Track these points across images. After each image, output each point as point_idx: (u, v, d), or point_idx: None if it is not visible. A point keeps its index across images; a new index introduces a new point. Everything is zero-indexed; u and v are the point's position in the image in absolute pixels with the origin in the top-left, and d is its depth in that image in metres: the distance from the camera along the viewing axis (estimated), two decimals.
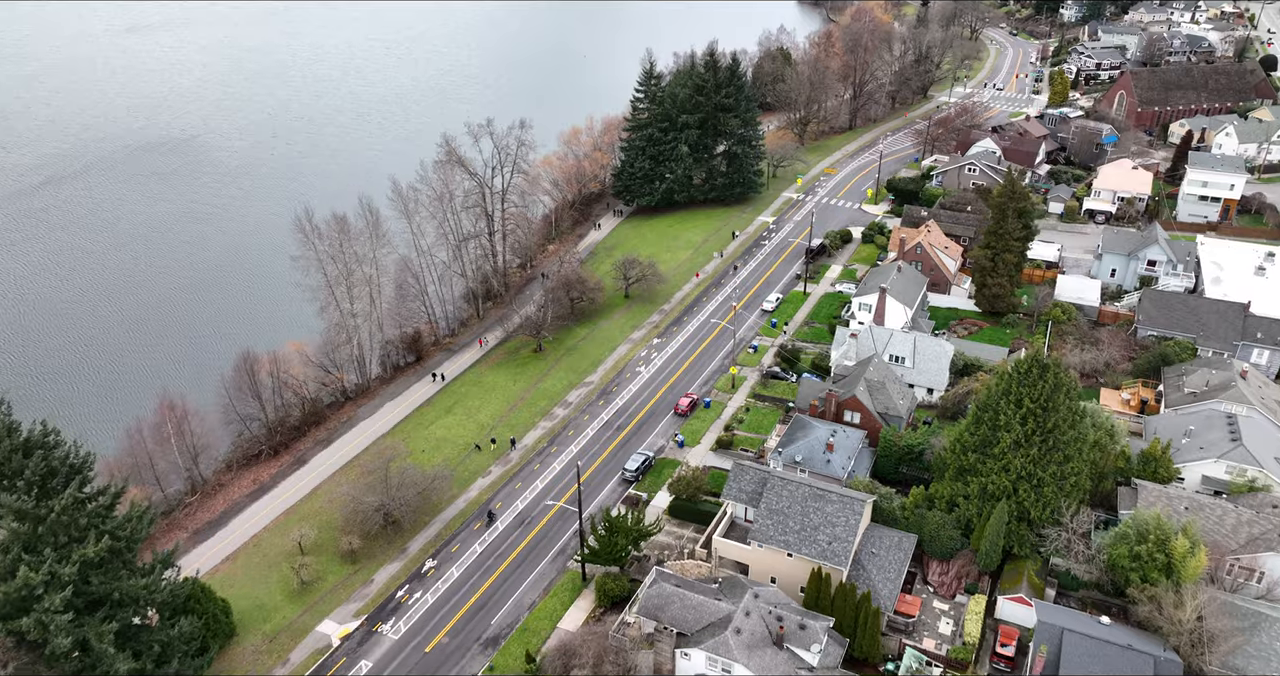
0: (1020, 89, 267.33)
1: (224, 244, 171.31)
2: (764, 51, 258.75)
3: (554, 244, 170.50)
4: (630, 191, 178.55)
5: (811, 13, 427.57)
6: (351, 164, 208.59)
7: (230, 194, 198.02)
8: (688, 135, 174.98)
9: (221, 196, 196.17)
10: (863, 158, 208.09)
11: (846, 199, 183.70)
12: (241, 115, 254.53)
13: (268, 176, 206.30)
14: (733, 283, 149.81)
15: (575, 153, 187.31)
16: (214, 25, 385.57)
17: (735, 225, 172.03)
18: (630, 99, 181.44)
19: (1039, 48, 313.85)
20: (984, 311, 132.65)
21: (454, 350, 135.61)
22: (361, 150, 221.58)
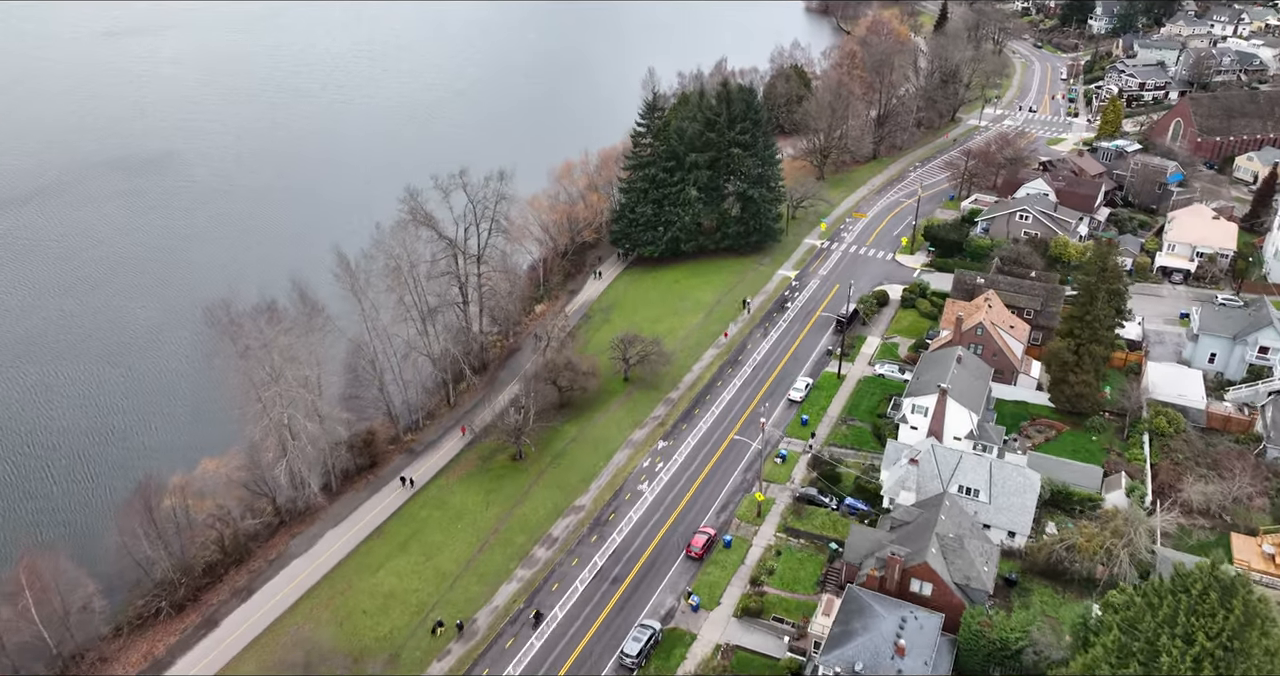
0: (1054, 111, 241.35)
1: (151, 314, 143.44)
2: (776, 70, 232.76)
3: (543, 303, 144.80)
4: (630, 239, 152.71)
5: (820, 21, 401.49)
6: (311, 211, 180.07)
7: (177, 236, 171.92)
8: (697, 177, 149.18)
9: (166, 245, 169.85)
10: (891, 194, 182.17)
11: (877, 247, 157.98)
12: (205, 138, 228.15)
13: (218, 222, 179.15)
14: (752, 359, 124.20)
15: (568, 192, 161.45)
16: (194, 31, 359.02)
17: (752, 283, 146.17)
18: (630, 132, 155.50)
19: (1069, 63, 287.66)
20: (1060, 409, 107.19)
21: (417, 450, 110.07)
22: (326, 192, 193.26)
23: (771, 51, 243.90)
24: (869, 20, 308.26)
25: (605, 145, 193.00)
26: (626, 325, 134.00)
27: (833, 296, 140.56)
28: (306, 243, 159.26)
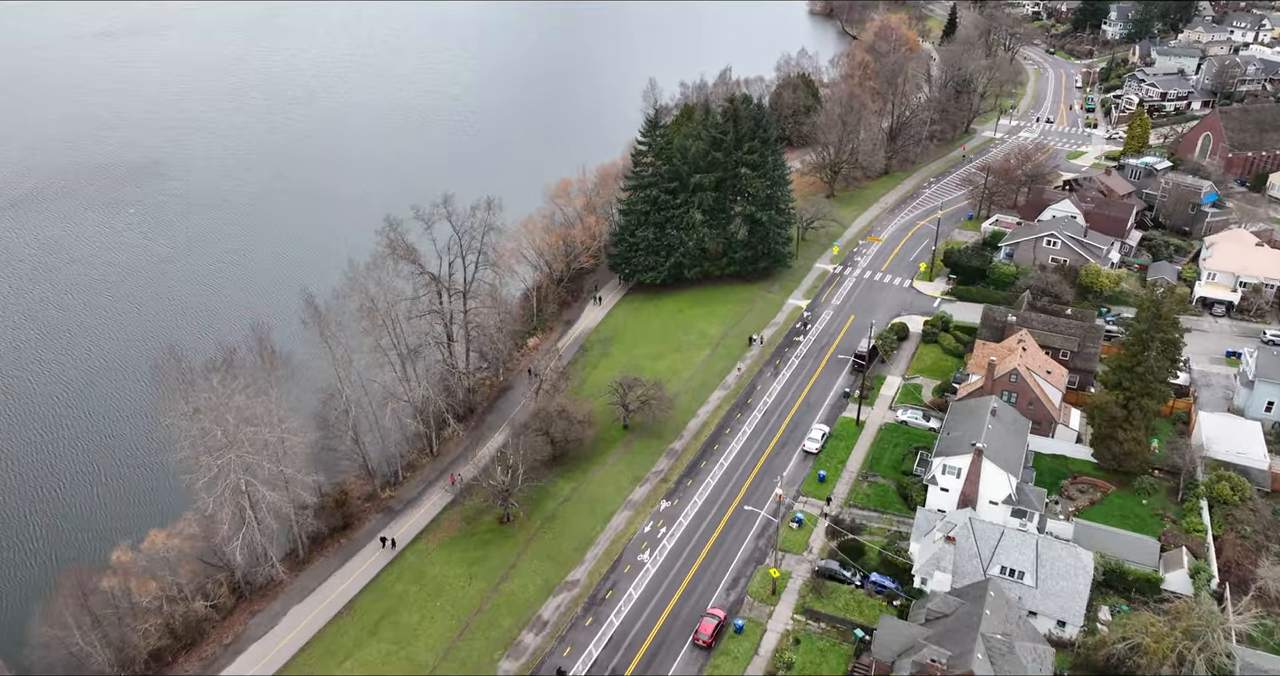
0: (1072, 122, 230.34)
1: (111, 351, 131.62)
2: (783, 79, 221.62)
3: (536, 335, 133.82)
4: (629, 264, 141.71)
5: (824, 24, 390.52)
6: (293, 233, 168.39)
7: (154, 258, 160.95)
8: (702, 199, 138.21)
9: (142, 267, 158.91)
10: (906, 213, 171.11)
11: (894, 272, 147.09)
12: (191, 148, 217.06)
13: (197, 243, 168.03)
14: (762, 402, 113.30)
15: (563, 213, 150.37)
16: (189, 32, 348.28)
17: (760, 313, 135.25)
18: (631, 150, 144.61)
19: (1084, 70, 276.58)
20: (1103, 466, 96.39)
21: (396, 508, 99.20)
22: (310, 212, 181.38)
23: (777, 59, 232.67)
24: (876, 26, 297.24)
25: (604, 159, 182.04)
26: (626, 361, 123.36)
27: (848, 329, 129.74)
28: (281, 273, 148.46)
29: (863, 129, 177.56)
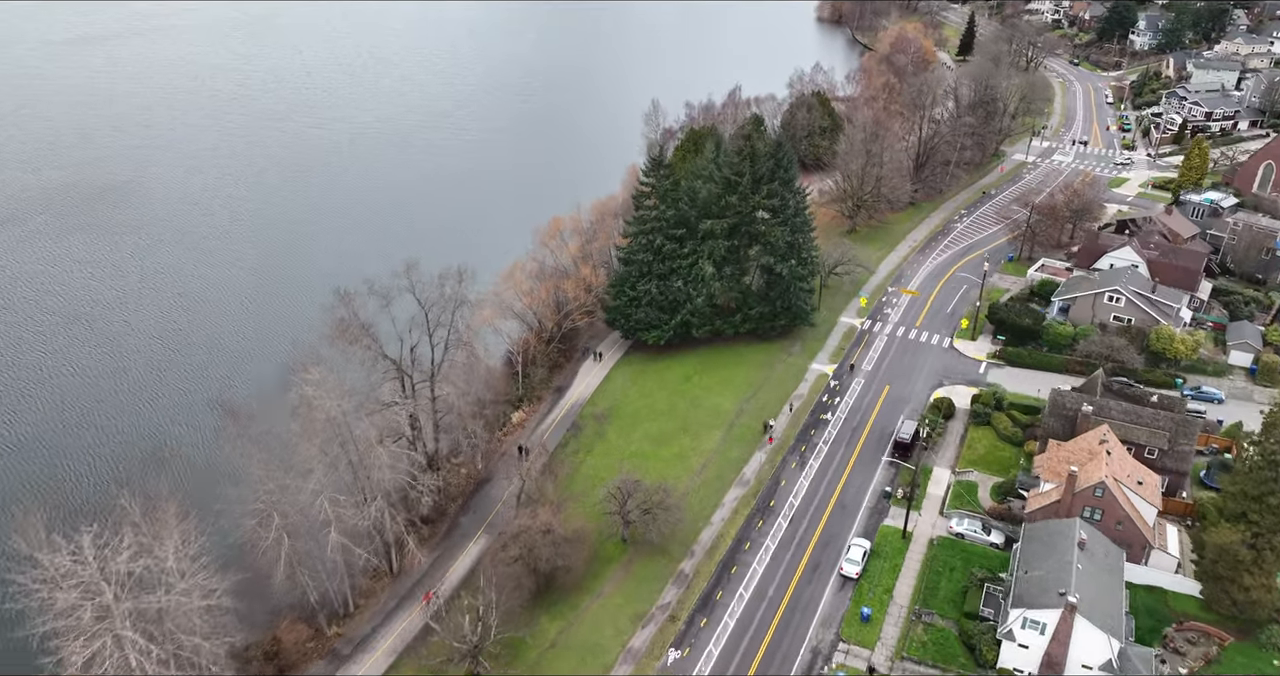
0: (1108, 143, 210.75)
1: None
2: (796, 96, 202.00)
3: (522, 408, 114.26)
4: (630, 320, 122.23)
5: (833, 32, 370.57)
6: (241, 291, 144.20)
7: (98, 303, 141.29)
8: (713, 248, 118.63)
9: (79, 316, 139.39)
10: (938, 254, 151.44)
11: (930, 328, 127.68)
12: (153, 170, 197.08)
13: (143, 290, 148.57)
14: (787, 504, 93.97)
15: (555, 258, 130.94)
16: (166, 38, 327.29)
17: (780, 381, 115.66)
18: (632, 191, 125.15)
19: (1112, 83, 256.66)
20: (1215, 609, 77.10)
21: (343, 651, 79.95)
22: (265, 259, 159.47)
23: (789, 75, 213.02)
24: (891, 36, 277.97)
25: (601, 190, 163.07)
26: (624, 447, 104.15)
27: (883, 403, 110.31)
28: (223, 347, 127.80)
29: (887, 157, 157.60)
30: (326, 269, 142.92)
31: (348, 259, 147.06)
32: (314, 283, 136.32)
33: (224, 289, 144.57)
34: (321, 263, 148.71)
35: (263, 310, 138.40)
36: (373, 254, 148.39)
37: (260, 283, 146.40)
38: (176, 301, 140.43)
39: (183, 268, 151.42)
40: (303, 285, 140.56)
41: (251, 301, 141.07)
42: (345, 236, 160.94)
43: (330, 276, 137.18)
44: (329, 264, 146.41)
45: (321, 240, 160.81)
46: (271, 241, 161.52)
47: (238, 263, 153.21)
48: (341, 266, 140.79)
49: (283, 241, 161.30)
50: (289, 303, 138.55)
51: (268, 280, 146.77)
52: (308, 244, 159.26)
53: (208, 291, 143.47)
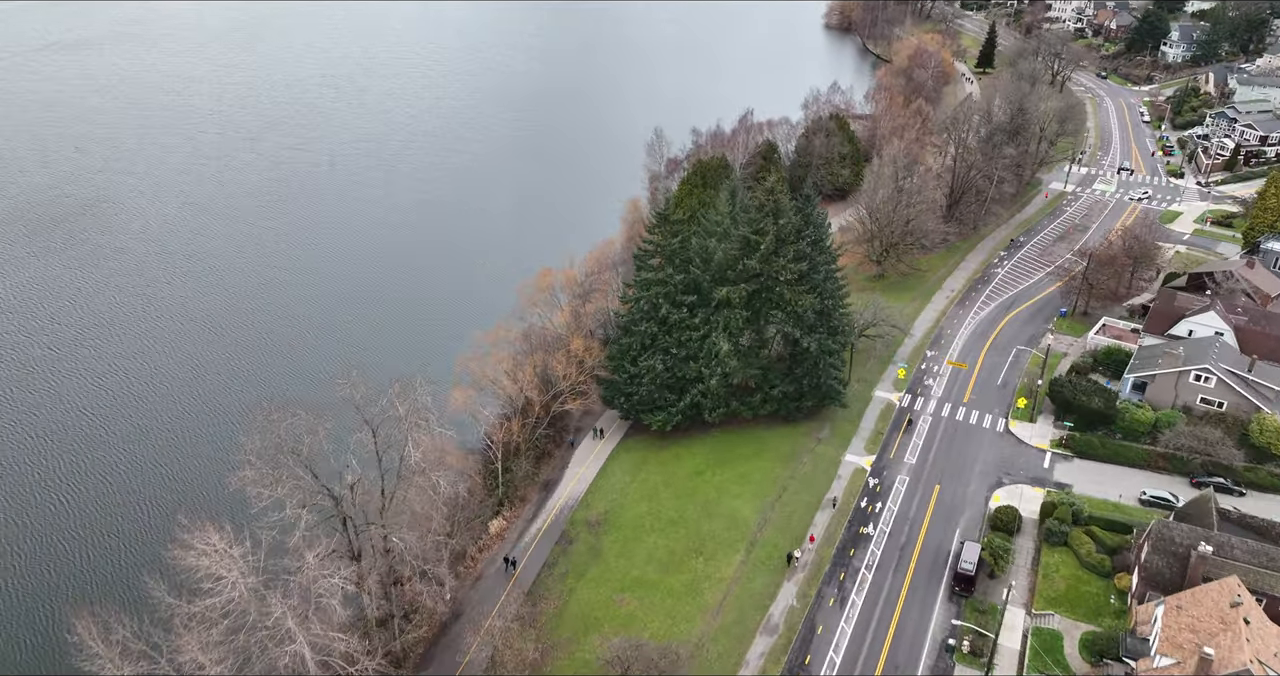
0: (1151, 169, 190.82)
1: None
2: (812, 120, 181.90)
3: (501, 514, 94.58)
4: (629, 399, 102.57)
5: (842, 40, 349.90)
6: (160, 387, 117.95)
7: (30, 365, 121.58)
8: (729, 319, 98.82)
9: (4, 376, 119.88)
10: (980, 306, 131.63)
11: (980, 405, 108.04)
12: (112, 201, 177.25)
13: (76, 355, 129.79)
14: (826, 661, 74.42)
15: (543, 322, 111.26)
16: (143, 45, 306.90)
17: (808, 480, 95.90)
18: (634, 251, 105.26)
19: (1148, 101, 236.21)
20: None
21: None
22: (219, 324, 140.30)
23: (804, 95, 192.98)
24: (908, 48, 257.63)
25: (599, 228, 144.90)
26: (625, 570, 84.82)
27: (934, 511, 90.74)
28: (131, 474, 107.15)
29: (919, 194, 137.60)
30: (277, 350, 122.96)
31: (309, 330, 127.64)
32: (251, 378, 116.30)
33: (129, 391, 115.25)
34: (272, 339, 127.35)
35: (174, 427, 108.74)
36: (337, 322, 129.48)
37: (186, 381, 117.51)
38: (43, 423, 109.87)
39: (96, 348, 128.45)
40: (235, 382, 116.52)
41: (162, 415, 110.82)
42: (310, 294, 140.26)
43: (281, 365, 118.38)
44: (283, 339, 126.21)
45: (279, 301, 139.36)
46: (223, 306, 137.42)
47: (173, 342, 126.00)
48: (299, 343, 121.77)
49: (235, 308, 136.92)
50: (209, 420, 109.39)
51: (198, 378, 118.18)
52: (261, 310, 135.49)
53: (104, 398, 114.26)
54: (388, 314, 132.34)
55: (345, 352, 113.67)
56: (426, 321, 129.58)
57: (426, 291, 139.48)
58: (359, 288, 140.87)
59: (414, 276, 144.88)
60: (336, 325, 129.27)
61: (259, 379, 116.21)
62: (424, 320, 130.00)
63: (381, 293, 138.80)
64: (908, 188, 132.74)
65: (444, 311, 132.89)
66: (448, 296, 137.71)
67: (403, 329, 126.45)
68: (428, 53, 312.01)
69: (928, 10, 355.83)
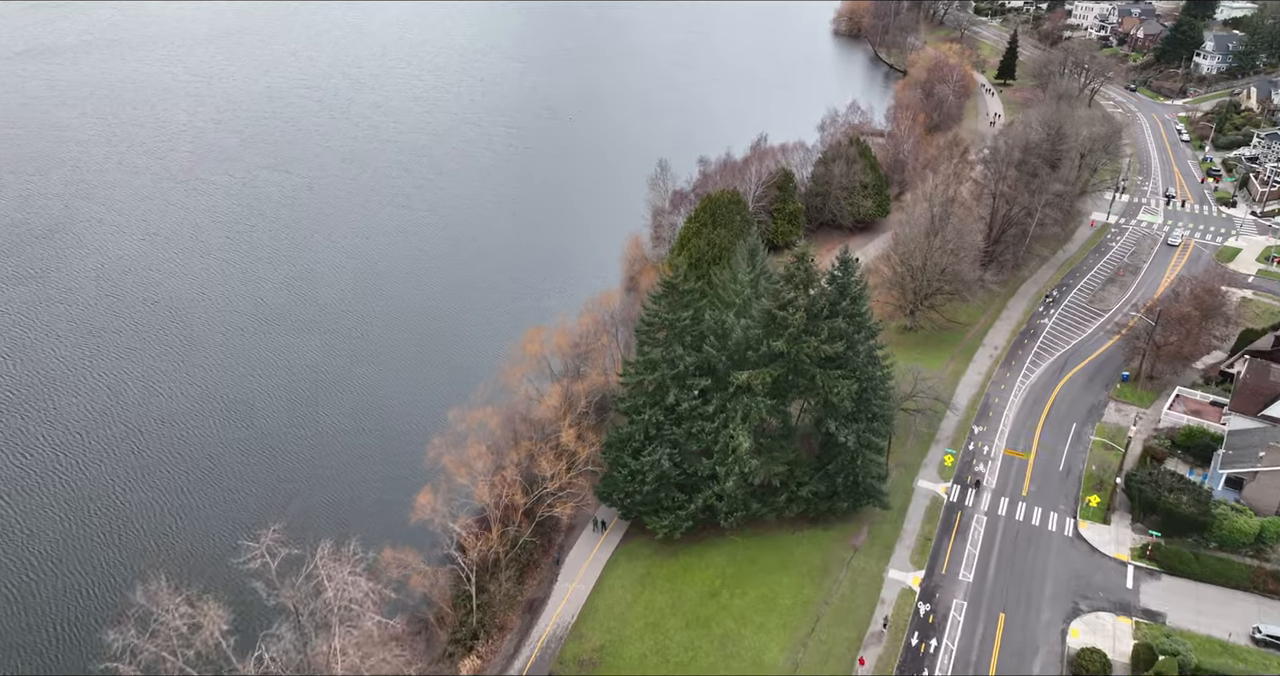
0: (1198, 196, 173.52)
1: None
2: (830, 144, 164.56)
3: (474, 650, 77.42)
4: (630, 498, 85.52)
5: (852, 48, 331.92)
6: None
7: None
8: (750, 408, 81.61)
9: None
10: (1029, 368, 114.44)
11: (1042, 499, 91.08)
12: (65, 232, 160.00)
13: None
14: None
15: (531, 398, 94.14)
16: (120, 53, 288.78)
17: (845, 607, 78.77)
18: (636, 324, 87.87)
19: (1184, 116, 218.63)
20: None
21: None
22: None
23: (821, 116, 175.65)
24: (926, 59, 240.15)
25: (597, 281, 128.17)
26: None
27: (999, 651, 73.78)
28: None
29: (957, 237, 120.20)
30: (195, 472, 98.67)
31: (254, 424, 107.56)
32: (148, 521, 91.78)
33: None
34: (216, 437, 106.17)
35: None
36: (288, 409, 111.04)
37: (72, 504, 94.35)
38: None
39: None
40: (125, 525, 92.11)
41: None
42: (264, 366, 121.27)
43: (193, 494, 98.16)
44: (223, 452, 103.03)
45: (232, 373, 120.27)
46: (158, 389, 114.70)
47: (84, 430, 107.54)
48: (232, 451, 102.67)
49: (171, 391, 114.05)
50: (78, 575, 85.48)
51: (85, 511, 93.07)
52: (201, 402, 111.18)
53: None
54: (350, 389, 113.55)
55: (288, 459, 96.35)
56: (395, 396, 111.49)
57: (399, 352, 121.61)
58: (321, 352, 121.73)
59: (386, 333, 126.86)
60: (288, 413, 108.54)
61: (157, 526, 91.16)
62: (392, 394, 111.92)
63: (346, 361, 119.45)
64: (945, 232, 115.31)
65: (418, 379, 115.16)
66: (424, 357, 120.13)
67: (365, 410, 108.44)
68: (419, 61, 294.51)
69: (940, 17, 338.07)
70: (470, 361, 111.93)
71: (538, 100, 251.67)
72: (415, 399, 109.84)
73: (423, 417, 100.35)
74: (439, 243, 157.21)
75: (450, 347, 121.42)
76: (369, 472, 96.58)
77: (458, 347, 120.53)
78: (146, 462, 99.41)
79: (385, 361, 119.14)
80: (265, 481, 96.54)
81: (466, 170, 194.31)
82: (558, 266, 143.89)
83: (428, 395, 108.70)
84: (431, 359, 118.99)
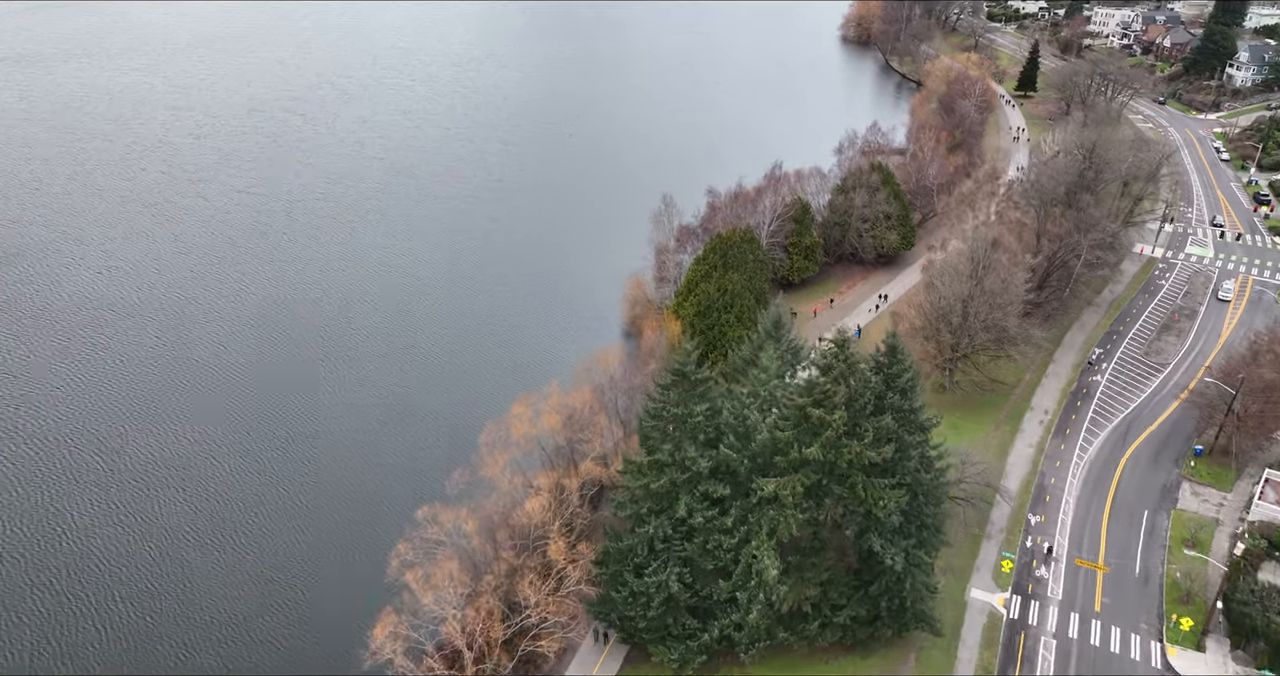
0: (1247, 225, 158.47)
1: None
2: (849, 170, 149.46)
3: None
4: (629, 621, 70.61)
5: (862, 55, 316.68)
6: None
7: None
8: (777, 522, 66.58)
9: None
10: (1084, 438, 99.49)
11: (1118, 617, 76.24)
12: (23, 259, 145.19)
13: None
14: None
15: (516, 493, 79.12)
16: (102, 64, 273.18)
17: None
18: (639, 421, 72.91)
19: (1223, 134, 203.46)
20: None
21: None
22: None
23: (840, 139, 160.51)
24: (942, 70, 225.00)
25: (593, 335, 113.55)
26: None
27: None
28: None
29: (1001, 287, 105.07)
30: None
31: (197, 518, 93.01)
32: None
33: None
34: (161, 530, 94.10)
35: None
36: (236, 496, 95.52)
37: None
38: None
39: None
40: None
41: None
42: (219, 442, 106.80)
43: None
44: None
45: (177, 446, 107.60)
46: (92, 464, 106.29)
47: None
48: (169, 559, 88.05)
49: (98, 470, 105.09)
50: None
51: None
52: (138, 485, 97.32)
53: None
54: (301, 474, 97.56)
55: (206, 576, 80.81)
56: (358, 486, 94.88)
57: (363, 427, 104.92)
58: (271, 426, 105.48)
59: (352, 401, 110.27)
60: (216, 512, 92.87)
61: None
62: (355, 484, 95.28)
63: (298, 438, 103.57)
64: (989, 282, 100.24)
65: (383, 461, 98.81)
66: (392, 433, 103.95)
67: (318, 504, 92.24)
68: (411, 70, 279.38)
69: (953, 23, 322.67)
70: (447, 438, 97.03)
71: (534, 113, 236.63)
72: (379, 489, 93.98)
73: (387, 517, 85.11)
74: (420, 282, 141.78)
75: (424, 422, 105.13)
76: (316, 593, 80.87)
77: (433, 422, 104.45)
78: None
79: (347, 439, 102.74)
80: (169, 612, 79.69)
81: (454, 195, 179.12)
82: (551, 307, 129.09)
83: (394, 486, 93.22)
84: (401, 435, 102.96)
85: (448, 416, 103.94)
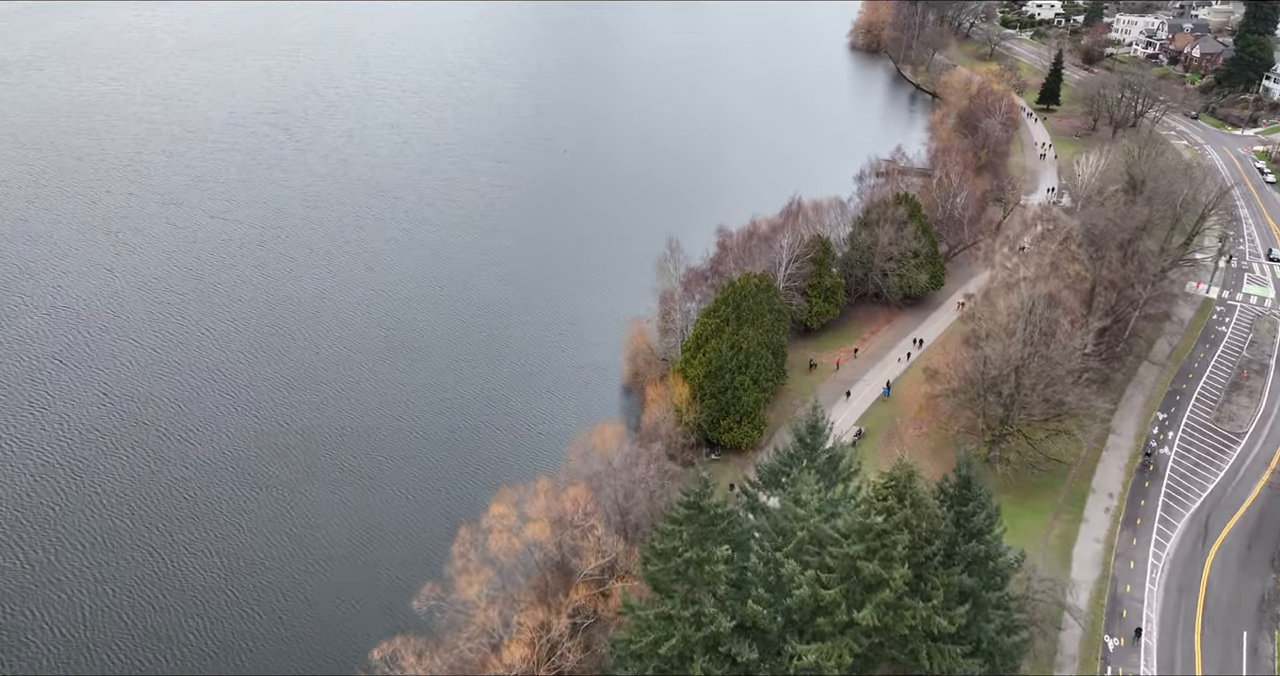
0: None
1: None
2: (871, 200, 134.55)
3: None
4: None
5: (872, 63, 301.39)
6: None
7: None
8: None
9: None
10: (1160, 530, 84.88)
11: None
12: None
13: None
14: None
15: (490, 635, 64.52)
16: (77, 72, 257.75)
17: None
18: (641, 562, 58.22)
19: (1264, 153, 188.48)
20: None
21: None
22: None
23: (862, 165, 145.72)
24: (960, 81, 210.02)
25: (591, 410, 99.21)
26: None
27: None
28: None
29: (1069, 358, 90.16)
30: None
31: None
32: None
33: None
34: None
35: None
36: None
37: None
38: None
39: None
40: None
41: None
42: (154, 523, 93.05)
43: None
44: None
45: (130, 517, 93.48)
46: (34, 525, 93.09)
47: None
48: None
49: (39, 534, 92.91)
50: None
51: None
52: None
53: None
54: (249, 592, 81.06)
55: None
56: (306, 611, 78.75)
57: (315, 537, 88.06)
58: (209, 530, 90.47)
59: (298, 506, 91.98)
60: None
61: None
62: (303, 608, 79.18)
63: (259, 543, 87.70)
64: (1051, 351, 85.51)
65: (334, 585, 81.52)
66: (349, 542, 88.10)
67: (263, 633, 76.77)
68: (401, 80, 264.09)
69: (966, 30, 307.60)
70: (409, 551, 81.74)
71: (529, 128, 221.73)
72: (333, 617, 78.20)
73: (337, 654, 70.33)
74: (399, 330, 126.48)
75: (385, 530, 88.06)
76: None
77: (395, 531, 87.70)
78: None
79: (289, 558, 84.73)
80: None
81: (443, 222, 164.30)
82: (546, 355, 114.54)
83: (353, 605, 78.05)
84: (359, 545, 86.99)
85: (414, 525, 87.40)
